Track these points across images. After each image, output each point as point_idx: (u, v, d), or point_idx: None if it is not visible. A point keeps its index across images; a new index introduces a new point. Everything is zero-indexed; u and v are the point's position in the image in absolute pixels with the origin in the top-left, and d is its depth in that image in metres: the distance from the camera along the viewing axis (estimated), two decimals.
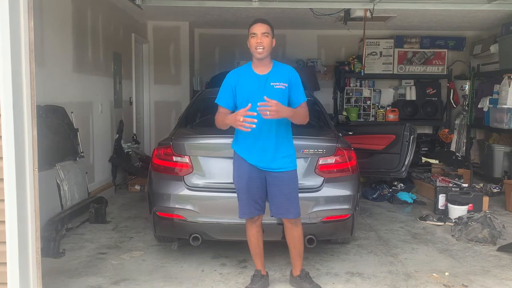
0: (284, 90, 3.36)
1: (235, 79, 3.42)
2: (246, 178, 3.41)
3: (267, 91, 3.31)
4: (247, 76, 3.41)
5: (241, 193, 3.46)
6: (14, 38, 2.64)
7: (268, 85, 3.34)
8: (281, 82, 3.36)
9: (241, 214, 3.49)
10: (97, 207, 5.21)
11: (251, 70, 3.42)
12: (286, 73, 3.40)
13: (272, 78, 3.36)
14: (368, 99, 9.49)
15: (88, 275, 3.84)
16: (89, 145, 6.01)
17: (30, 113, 2.78)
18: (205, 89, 7.86)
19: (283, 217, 3.47)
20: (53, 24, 5.02)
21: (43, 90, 4.47)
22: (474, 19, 7.88)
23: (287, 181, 3.40)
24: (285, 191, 3.40)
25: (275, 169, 3.37)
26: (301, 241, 3.54)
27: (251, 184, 3.41)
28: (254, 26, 3.33)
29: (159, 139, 4.49)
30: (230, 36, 9.31)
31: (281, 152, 3.39)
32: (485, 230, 4.75)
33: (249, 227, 3.54)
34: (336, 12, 6.88)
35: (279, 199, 3.41)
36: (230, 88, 3.42)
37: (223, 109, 3.44)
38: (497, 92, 7.27)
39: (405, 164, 6.33)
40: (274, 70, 3.40)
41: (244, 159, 3.41)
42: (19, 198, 2.70)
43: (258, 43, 3.28)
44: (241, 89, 3.38)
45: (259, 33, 3.29)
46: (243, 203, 3.46)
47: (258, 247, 3.57)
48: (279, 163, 3.38)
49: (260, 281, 3.56)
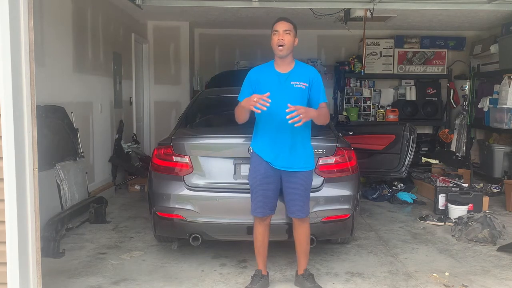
0: (304, 90, 3.37)
1: (256, 76, 3.45)
2: (261, 176, 3.43)
3: (286, 89, 3.34)
4: (268, 73, 3.43)
5: (255, 191, 3.47)
6: (14, 38, 2.64)
7: (288, 84, 3.36)
8: (301, 82, 3.37)
9: (253, 211, 3.50)
10: (97, 207, 5.21)
11: (272, 68, 3.44)
12: (307, 73, 3.41)
13: (293, 77, 3.37)
14: (368, 99, 9.49)
15: (88, 275, 3.84)
16: (89, 145, 6.01)
17: (30, 113, 2.78)
18: (205, 89, 7.88)
19: (296, 216, 3.49)
20: (53, 24, 5.02)
21: (43, 90, 4.47)
22: (474, 19, 7.88)
23: (302, 182, 3.43)
24: (301, 190, 3.44)
25: (290, 168, 3.39)
26: (308, 239, 3.58)
27: (265, 182, 3.42)
28: (277, 23, 3.35)
29: (159, 139, 4.49)
30: (230, 36, 9.31)
31: (297, 152, 3.39)
32: (485, 230, 4.75)
33: (257, 225, 3.54)
34: (336, 12, 6.88)
35: (295, 199, 3.44)
36: (250, 85, 3.45)
37: None
38: (497, 92, 7.27)
39: (405, 164, 6.33)
40: (296, 70, 3.41)
41: (260, 157, 3.42)
42: (19, 198, 2.70)
43: (279, 40, 3.29)
44: (261, 86, 3.39)
45: (281, 30, 3.30)
46: (257, 200, 3.47)
47: (263, 246, 3.57)
48: (295, 163, 3.39)
49: (260, 281, 3.56)
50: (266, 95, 3.16)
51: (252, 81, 3.44)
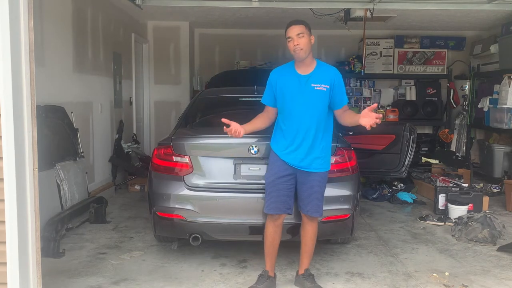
0: (325, 92, 3.34)
1: (276, 78, 3.45)
2: (277, 175, 3.44)
3: (306, 91, 3.34)
4: (288, 75, 3.42)
5: (270, 188, 3.48)
6: (14, 38, 2.64)
7: (309, 86, 3.34)
8: (322, 84, 3.34)
9: (267, 208, 3.50)
10: (97, 207, 5.21)
11: (293, 69, 3.42)
12: (328, 75, 3.38)
13: (314, 79, 3.36)
14: (368, 99, 9.48)
15: (88, 275, 3.84)
16: (89, 145, 6.01)
17: (30, 113, 2.78)
18: (205, 89, 7.87)
19: (311, 215, 3.50)
20: (53, 24, 5.02)
21: (43, 90, 4.46)
22: (474, 19, 7.88)
23: (318, 182, 3.45)
24: (316, 191, 3.45)
25: (307, 168, 3.40)
26: (314, 239, 3.60)
27: (281, 181, 3.43)
28: (289, 30, 3.34)
29: (159, 139, 4.49)
30: (230, 36, 9.31)
31: (314, 152, 3.39)
32: (485, 230, 4.75)
33: (269, 225, 3.54)
34: (336, 12, 6.87)
35: (311, 198, 3.45)
36: (271, 86, 3.46)
37: (268, 107, 3.52)
38: (497, 92, 7.26)
39: (405, 164, 6.32)
40: (317, 71, 3.39)
41: (278, 156, 3.43)
42: (19, 198, 2.70)
43: (295, 46, 3.28)
44: (281, 88, 3.39)
45: (294, 36, 3.29)
46: (271, 198, 3.47)
47: (272, 246, 3.57)
48: (311, 163, 3.40)
49: (265, 281, 3.55)
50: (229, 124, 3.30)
51: (272, 84, 3.46)
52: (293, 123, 3.37)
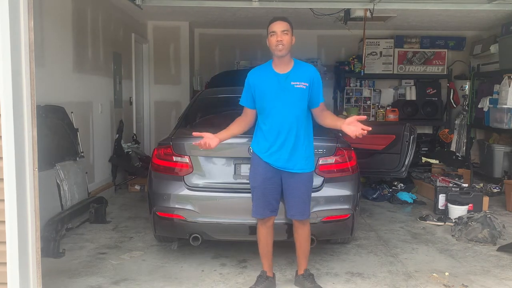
0: (304, 90, 3.31)
1: (254, 78, 3.40)
2: (262, 177, 3.40)
3: (286, 90, 3.30)
4: (266, 75, 3.38)
5: (256, 192, 3.44)
6: (14, 38, 2.64)
7: (288, 84, 3.31)
8: (301, 82, 3.31)
9: (254, 213, 3.48)
10: (97, 207, 5.21)
11: (271, 69, 3.38)
12: (307, 73, 3.35)
13: (293, 77, 3.32)
14: (368, 99, 9.49)
15: (88, 275, 3.84)
16: (89, 145, 6.01)
17: (30, 113, 2.78)
18: (205, 89, 7.87)
19: (296, 218, 3.46)
20: (53, 24, 5.02)
21: (43, 90, 4.47)
22: (474, 19, 7.88)
23: (303, 183, 3.40)
24: (301, 192, 3.40)
25: (291, 169, 3.35)
26: (308, 240, 3.57)
27: (266, 184, 3.40)
28: (273, 24, 3.28)
29: (159, 139, 4.49)
30: (230, 36, 9.31)
31: (298, 153, 3.35)
32: (485, 230, 4.75)
33: (260, 227, 3.53)
34: (336, 12, 6.88)
35: (294, 200, 3.41)
36: (249, 87, 3.41)
37: (247, 109, 3.46)
38: (497, 92, 7.26)
39: (405, 164, 6.33)
40: (295, 69, 3.35)
41: (261, 158, 3.39)
42: (19, 198, 2.70)
43: (278, 41, 3.23)
44: (260, 88, 3.35)
45: (279, 31, 3.24)
46: (257, 202, 3.45)
47: (267, 247, 3.55)
48: (296, 164, 3.36)
49: (264, 282, 3.54)
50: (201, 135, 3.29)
51: (250, 85, 3.41)
52: (274, 123, 3.31)
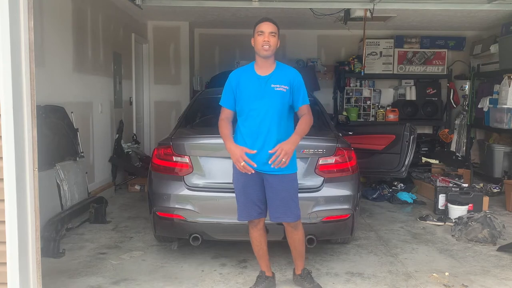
0: (285, 93, 3.29)
1: (236, 80, 3.38)
2: (243, 180, 3.36)
3: (267, 92, 3.28)
4: (248, 76, 3.36)
5: (239, 195, 3.42)
6: (14, 38, 2.64)
7: (269, 87, 3.29)
8: (282, 85, 3.29)
9: (239, 217, 3.46)
10: (97, 207, 5.21)
11: (252, 71, 3.37)
12: (288, 76, 3.33)
13: (273, 80, 3.31)
14: (368, 99, 9.49)
15: (88, 275, 3.84)
16: (89, 145, 6.01)
17: (30, 113, 2.78)
18: (205, 89, 7.87)
19: (281, 221, 3.41)
20: (53, 24, 5.02)
21: (43, 90, 4.47)
22: (474, 19, 7.88)
23: (284, 185, 3.32)
24: (282, 195, 3.32)
25: (271, 171, 3.28)
26: (301, 243, 3.51)
27: (247, 186, 3.36)
28: (262, 24, 3.28)
29: (159, 139, 4.49)
30: (230, 36, 9.31)
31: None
32: (485, 230, 4.75)
33: (251, 230, 3.50)
34: (336, 12, 6.88)
35: (275, 203, 3.34)
36: (231, 88, 3.38)
37: (227, 110, 3.42)
38: (497, 92, 7.27)
39: (405, 164, 6.33)
40: (276, 72, 3.34)
41: None
42: (19, 198, 2.70)
43: (264, 42, 3.23)
44: (241, 90, 3.34)
45: (267, 32, 3.24)
46: (241, 205, 3.42)
47: (262, 249, 3.53)
48: None
49: (264, 282, 3.54)
50: (253, 165, 3.18)
51: (233, 85, 3.38)
52: (253, 125, 3.28)
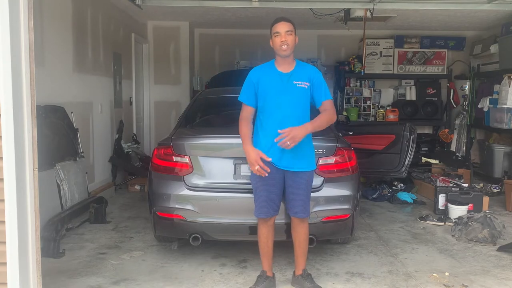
0: (306, 89, 3.36)
1: (257, 76, 3.42)
2: (265, 177, 3.37)
3: (289, 89, 3.34)
4: (269, 73, 3.41)
5: (260, 192, 3.45)
6: (14, 38, 2.64)
7: (291, 84, 3.35)
8: (303, 81, 3.36)
9: (257, 213, 3.48)
10: (97, 207, 5.21)
11: (274, 68, 3.42)
12: (308, 72, 3.40)
13: (295, 77, 3.36)
14: (368, 99, 9.49)
15: (88, 275, 3.84)
16: (89, 145, 6.01)
17: (30, 113, 2.78)
18: (205, 89, 7.88)
19: (298, 216, 3.47)
20: (53, 24, 5.02)
21: (43, 90, 4.47)
22: (474, 19, 7.88)
23: (305, 182, 3.43)
24: (303, 191, 3.43)
25: (295, 168, 3.38)
26: (306, 239, 3.57)
27: (270, 183, 3.40)
28: (277, 25, 3.33)
29: (159, 139, 4.49)
30: (230, 36, 9.31)
31: (300, 152, 3.36)
32: (485, 230, 4.75)
33: (261, 226, 3.53)
34: (336, 12, 6.88)
35: (297, 199, 3.43)
36: (252, 85, 3.42)
37: (247, 107, 3.45)
38: (497, 92, 7.27)
39: (405, 164, 6.33)
40: (297, 69, 3.40)
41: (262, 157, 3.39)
42: (19, 198, 2.70)
43: (282, 42, 3.28)
44: (263, 86, 3.38)
45: (283, 32, 3.29)
46: (261, 202, 3.45)
47: (267, 247, 3.55)
48: (299, 163, 3.38)
49: (264, 282, 3.54)
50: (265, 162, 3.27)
51: (253, 82, 3.42)
52: (275, 121, 3.32)
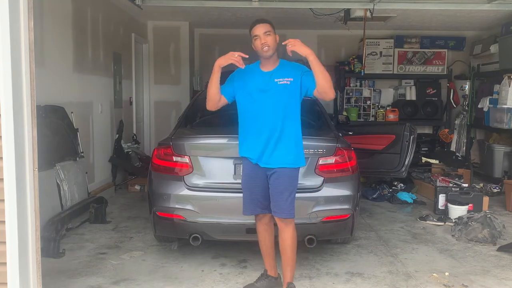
0: (289, 85, 3.32)
1: (240, 74, 3.46)
2: (247, 176, 3.42)
3: (269, 86, 3.32)
4: (252, 72, 3.43)
5: (244, 190, 3.47)
6: (14, 38, 2.64)
7: (272, 81, 3.34)
8: (285, 78, 3.33)
9: (243, 211, 3.49)
10: (97, 207, 5.21)
11: (257, 68, 3.45)
12: (291, 69, 3.39)
13: (277, 75, 3.36)
14: (368, 99, 9.49)
15: (88, 275, 3.84)
16: (89, 145, 6.01)
17: (30, 113, 2.77)
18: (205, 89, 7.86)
19: (275, 215, 3.37)
20: (53, 24, 5.02)
21: (43, 90, 4.46)
22: (474, 19, 7.88)
23: (283, 178, 3.30)
24: (280, 187, 3.31)
25: (270, 165, 3.31)
26: (292, 246, 3.36)
27: (252, 182, 3.40)
28: (255, 28, 3.34)
29: (159, 139, 4.49)
30: (230, 36, 9.29)
31: (282, 148, 3.30)
32: (485, 230, 4.75)
33: (257, 224, 3.54)
34: (336, 12, 6.88)
35: (273, 195, 3.34)
36: (232, 81, 3.47)
37: (222, 96, 3.47)
38: (497, 92, 7.27)
39: (405, 164, 6.33)
40: (280, 67, 3.40)
41: (246, 157, 3.40)
42: (19, 198, 2.70)
43: (263, 44, 3.29)
44: (245, 84, 3.39)
45: (261, 34, 3.30)
46: (245, 200, 3.46)
47: (265, 245, 3.54)
48: (277, 159, 3.30)
49: (264, 280, 3.54)
50: (244, 56, 3.30)
51: (235, 78, 3.46)
52: (257, 121, 3.31)
